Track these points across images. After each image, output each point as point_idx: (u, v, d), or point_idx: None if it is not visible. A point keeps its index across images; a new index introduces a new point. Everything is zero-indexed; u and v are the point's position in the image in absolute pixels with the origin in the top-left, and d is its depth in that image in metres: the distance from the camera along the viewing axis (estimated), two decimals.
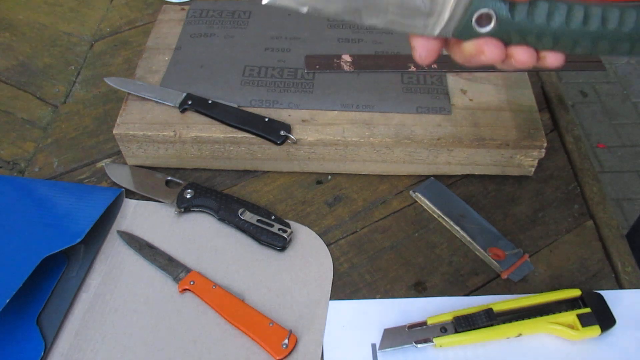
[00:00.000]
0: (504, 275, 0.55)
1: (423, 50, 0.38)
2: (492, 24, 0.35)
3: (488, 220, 0.58)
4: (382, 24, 0.36)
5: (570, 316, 0.50)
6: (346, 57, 0.67)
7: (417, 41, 0.38)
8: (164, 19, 0.73)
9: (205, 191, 0.59)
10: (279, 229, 0.56)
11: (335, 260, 0.56)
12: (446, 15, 0.35)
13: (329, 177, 0.64)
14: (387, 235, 0.58)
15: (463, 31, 0.36)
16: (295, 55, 0.67)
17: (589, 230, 0.59)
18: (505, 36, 0.36)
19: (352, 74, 0.65)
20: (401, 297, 0.54)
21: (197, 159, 0.63)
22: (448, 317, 0.50)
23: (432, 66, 0.66)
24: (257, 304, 0.53)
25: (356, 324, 0.52)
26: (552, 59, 0.37)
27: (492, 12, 0.35)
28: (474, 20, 0.35)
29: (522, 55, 0.36)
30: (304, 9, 0.35)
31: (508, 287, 0.54)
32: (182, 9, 0.74)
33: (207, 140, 0.60)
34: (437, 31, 0.36)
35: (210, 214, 0.59)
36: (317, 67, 0.66)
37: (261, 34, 0.70)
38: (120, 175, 0.62)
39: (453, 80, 0.64)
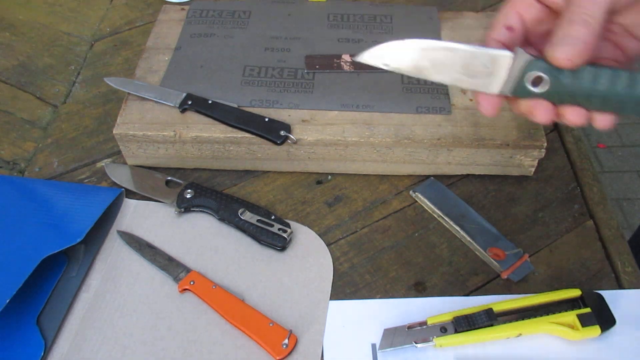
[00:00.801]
0: (504, 275, 0.55)
1: (487, 105, 0.42)
2: (545, 85, 0.39)
3: (488, 220, 0.58)
4: (448, 81, 0.42)
5: (570, 316, 0.50)
6: (346, 57, 0.67)
7: (480, 97, 0.42)
8: (164, 19, 0.73)
9: (205, 191, 0.59)
10: (279, 229, 0.56)
11: (335, 260, 0.56)
12: (504, 76, 0.40)
13: (329, 177, 0.64)
14: (387, 235, 0.58)
15: (519, 90, 0.40)
16: (295, 55, 0.67)
17: (589, 230, 0.59)
18: (557, 96, 0.40)
19: (352, 74, 0.65)
20: (401, 297, 0.54)
21: (197, 159, 0.63)
22: (448, 317, 0.50)
23: None
24: (257, 304, 0.53)
25: (356, 324, 0.52)
26: (601, 119, 0.40)
27: (544, 75, 0.39)
28: (528, 81, 0.40)
29: (572, 116, 0.40)
30: (386, 67, 0.42)
31: (508, 287, 0.54)
32: (182, 9, 0.74)
33: (207, 140, 0.60)
34: (497, 89, 0.41)
35: (210, 214, 0.59)
36: (317, 67, 0.66)
37: (261, 34, 0.70)
38: (120, 175, 0.62)
39: None
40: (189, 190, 0.59)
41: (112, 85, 0.65)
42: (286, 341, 0.49)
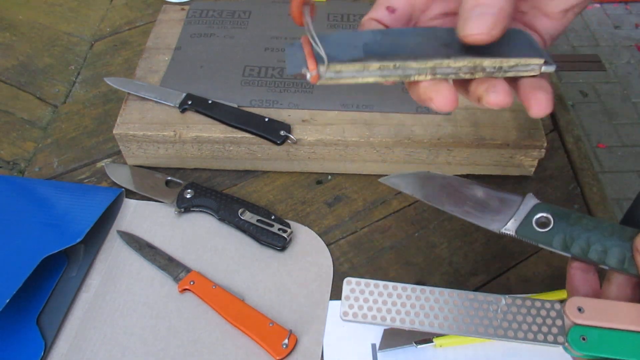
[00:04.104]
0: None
1: (443, 100, 0.37)
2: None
3: None
4: (460, 214, 0.43)
5: None
6: None
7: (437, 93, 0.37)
8: (164, 19, 0.73)
9: (205, 191, 0.59)
10: (279, 229, 0.56)
11: (335, 260, 0.56)
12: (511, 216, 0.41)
13: (329, 177, 0.64)
14: (387, 235, 0.58)
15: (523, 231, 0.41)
16: None
17: None
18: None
19: None
20: None
21: (197, 159, 0.63)
22: None
23: None
24: (257, 304, 0.53)
25: (356, 324, 0.52)
26: None
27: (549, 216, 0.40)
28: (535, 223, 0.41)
29: None
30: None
31: (508, 287, 0.54)
32: (182, 9, 0.74)
33: (207, 140, 0.60)
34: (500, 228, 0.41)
35: (210, 214, 0.59)
36: None
37: (261, 34, 0.70)
38: (120, 175, 0.62)
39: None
40: (189, 190, 0.59)
41: (112, 85, 0.65)
42: (286, 341, 0.49)
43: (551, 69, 0.34)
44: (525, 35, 0.35)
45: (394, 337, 0.50)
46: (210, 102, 0.62)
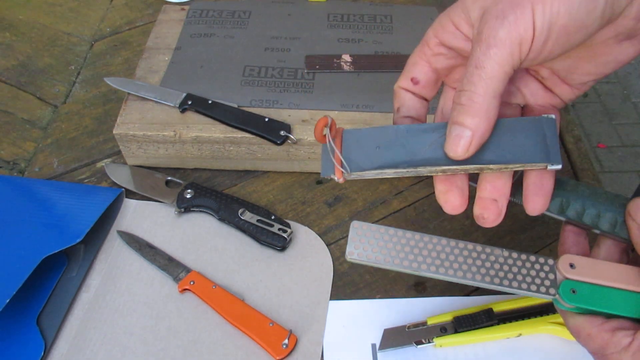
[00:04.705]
0: None
1: (454, 203, 0.38)
2: None
3: None
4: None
5: None
6: (346, 57, 0.67)
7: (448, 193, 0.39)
8: (164, 19, 0.73)
9: (205, 191, 0.59)
10: (279, 229, 0.56)
11: (335, 260, 0.56)
12: None
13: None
14: None
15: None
16: (295, 55, 0.67)
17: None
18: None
19: (352, 74, 0.65)
20: (401, 297, 0.54)
21: (197, 159, 0.63)
22: (448, 317, 0.50)
23: None
24: (257, 304, 0.53)
25: (356, 324, 0.52)
26: None
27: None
28: None
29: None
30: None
31: None
32: (182, 9, 0.74)
33: (207, 140, 0.60)
34: None
35: (210, 214, 0.59)
36: (317, 67, 0.66)
37: (261, 34, 0.70)
38: (120, 175, 0.62)
39: None
40: (189, 190, 0.59)
41: (112, 85, 0.65)
42: (286, 341, 0.49)
43: (557, 167, 0.35)
44: (539, 126, 0.35)
45: (394, 337, 0.50)
46: (210, 102, 0.62)
